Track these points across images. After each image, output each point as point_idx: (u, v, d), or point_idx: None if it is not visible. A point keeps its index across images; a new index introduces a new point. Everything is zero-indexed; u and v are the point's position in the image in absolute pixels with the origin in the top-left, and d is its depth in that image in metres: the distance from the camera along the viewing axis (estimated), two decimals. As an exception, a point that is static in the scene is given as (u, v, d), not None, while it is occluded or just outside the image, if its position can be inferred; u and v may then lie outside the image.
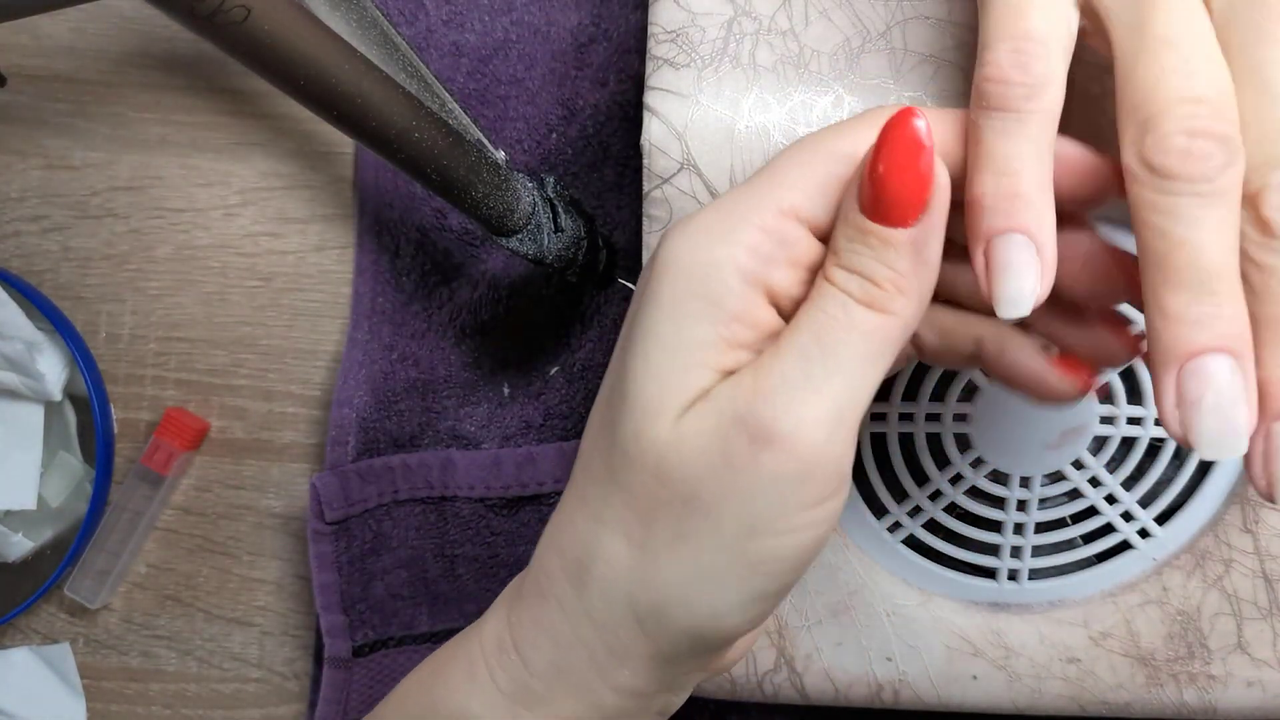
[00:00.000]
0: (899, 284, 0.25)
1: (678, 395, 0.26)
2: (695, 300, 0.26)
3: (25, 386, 0.50)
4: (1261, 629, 0.37)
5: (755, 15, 0.34)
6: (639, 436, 0.26)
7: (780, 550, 0.26)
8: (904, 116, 0.24)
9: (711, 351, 0.26)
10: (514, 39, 0.49)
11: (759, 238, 0.26)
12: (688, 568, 0.26)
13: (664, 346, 0.26)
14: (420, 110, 0.35)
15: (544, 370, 0.50)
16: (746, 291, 0.26)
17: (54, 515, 0.52)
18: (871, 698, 0.40)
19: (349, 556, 0.49)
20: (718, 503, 0.25)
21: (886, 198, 0.24)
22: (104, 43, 0.51)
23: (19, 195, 0.52)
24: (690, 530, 0.26)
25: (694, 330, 0.26)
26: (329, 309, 0.51)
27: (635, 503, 0.26)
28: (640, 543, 0.26)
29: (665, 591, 0.26)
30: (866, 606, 0.39)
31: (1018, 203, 0.24)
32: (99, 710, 0.52)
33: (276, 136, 0.51)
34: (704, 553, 0.26)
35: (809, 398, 0.25)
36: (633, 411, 0.26)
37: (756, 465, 0.25)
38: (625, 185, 0.49)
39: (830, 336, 0.25)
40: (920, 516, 0.38)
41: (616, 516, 0.27)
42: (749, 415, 0.25)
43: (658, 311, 0.26)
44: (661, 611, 0.27)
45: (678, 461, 0.26)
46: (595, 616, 0.27)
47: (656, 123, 0.34)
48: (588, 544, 0.27)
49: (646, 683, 0.28)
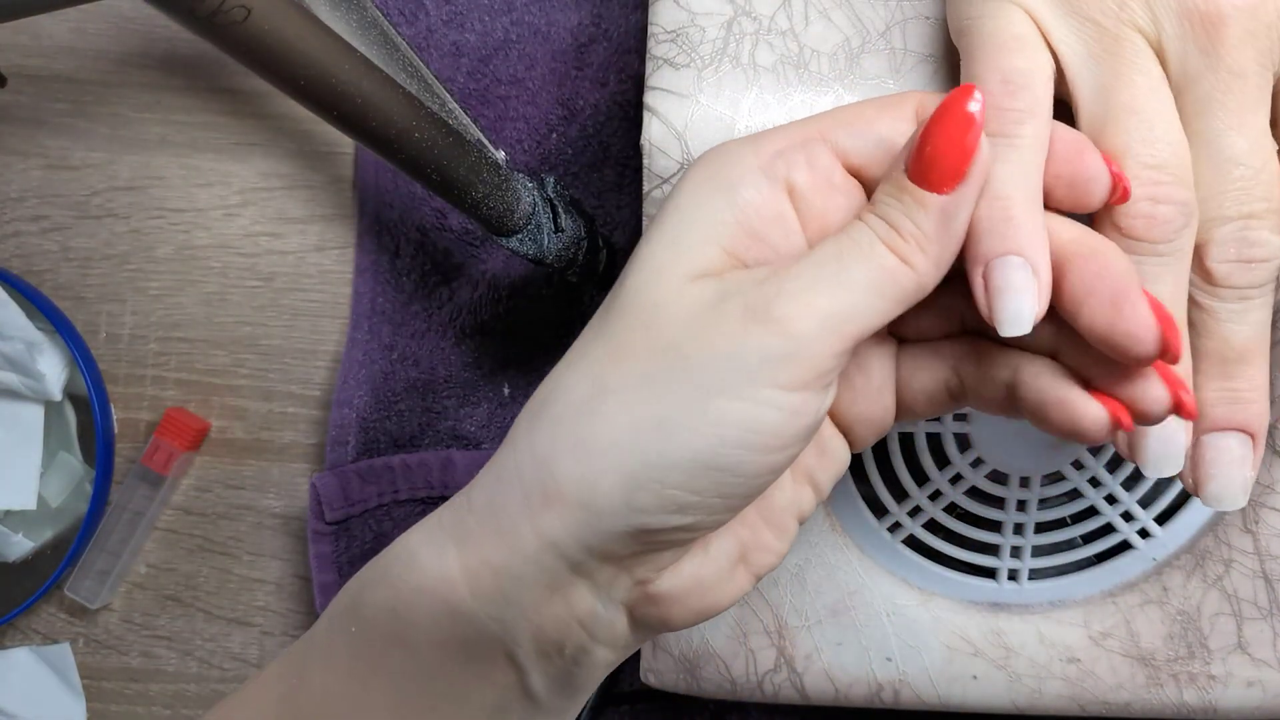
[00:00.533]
0: (921, 242, 0.26)
1: (686, 263, 0.27)
2: (714, 181, 0.27)
3: (25, 386, 0.50)
4: (1261, 629, 0.37)
5: (755, 15, 0.34)
6: (638, 291, 0.27)
7: (741, 417, 0.25)
8: (964, 91, 0.26)
9: (725, 230, 0.27)
10: (514, 39, 0.49)
11: (784, 144, 0.28)
12: (644, 409, 0.26)
13: (680, 215, 0.27)
14: (420, 110, 0.35)
15: (544, 370, 0.50)
16: (763, 182, 0.27)
17: (54, 515, 0.52)
18: (871, 698, 0.40)
19: (349, 557, 0.49)
20: (695, 354, 0.26)
21: (928, 162, 0.26)
22: (104, 43, 0.51)
23: (19, 195, 0.52)
24: (658, 373, 0.26)
25: (709, 207, 0.27)
26: (329, 309, 0.51)
27: (613, 348, 0.27)
28: (605, 383, 0.26)
29: (613, 432, 0.26)
30: (866, 606, 0.39)
31: (1011, 226, 0.26)
32: (99, 710, 0.52)
33: (276, 136, 0.51)
34: (666, 396, 0.26)
35: (811, 297, 0.26)
36: (640, 271, 0.27)
37: (744, 333, 0.26)
38: (625, 185, 0.49)
39: (847, 256, 0.26)
40: (920, 516, 0.38)
41: (590, 360, 0.27)
42: (752, 295, 0.26)
43: (680, 194, 0.28)
44: (606, 454, 0.26)
45: (669, 315, 0.26)
46: (537, 451, 0.27)
47: (656, 123, 0.34)
48: (556, 382, 0.28)
49: (570, 540, 0.26)
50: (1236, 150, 0.27)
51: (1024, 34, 0.28)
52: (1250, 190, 0.27)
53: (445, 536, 0.28)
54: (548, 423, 0.27)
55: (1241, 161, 0.27)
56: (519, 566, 0.27)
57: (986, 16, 0.29)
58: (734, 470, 0.26)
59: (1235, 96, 0.27)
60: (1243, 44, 0.27)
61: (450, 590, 0.27)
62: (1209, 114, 0.27)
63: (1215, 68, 0.27)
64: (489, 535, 0.27)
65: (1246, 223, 0.27)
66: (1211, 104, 0.27)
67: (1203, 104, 0.27)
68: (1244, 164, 0.27)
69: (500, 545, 0.27)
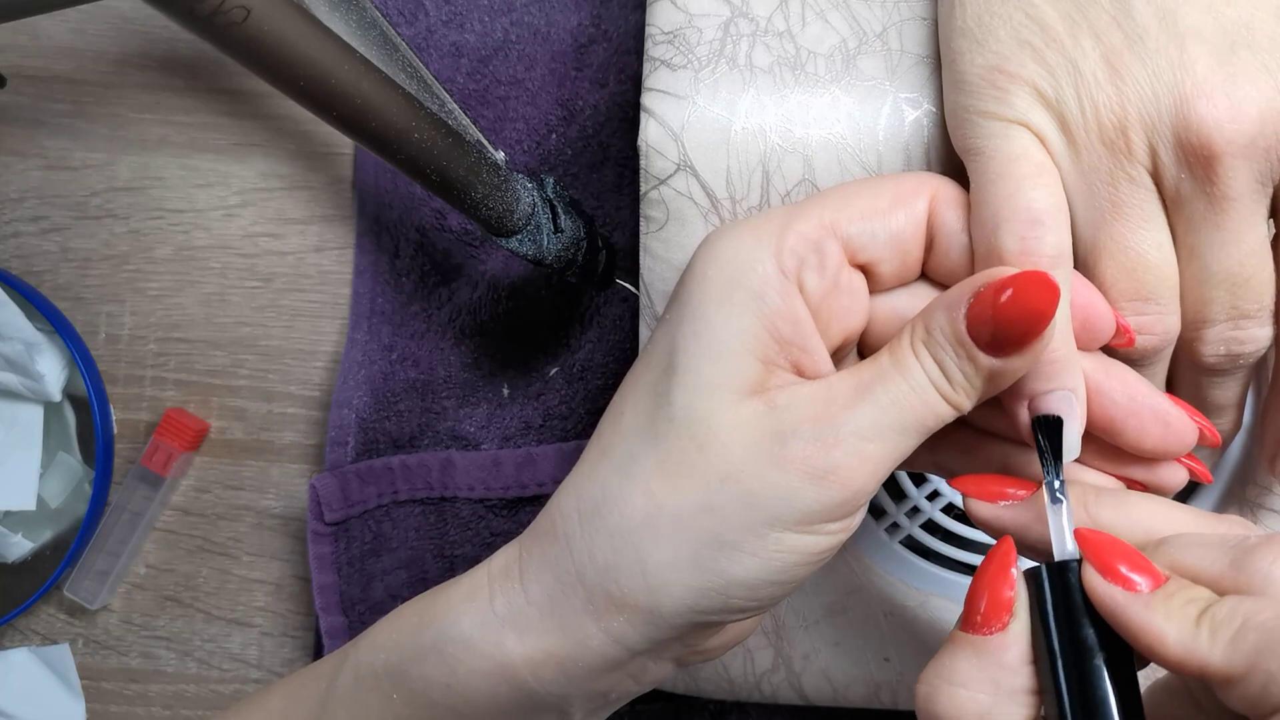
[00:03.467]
0: (969, 391, 0.27)
1: (733, 380, 0.28)
2: (740, 290, 0.28)
3: (25, 387, 0.50)
4: (1259, 630, 0.37)
5: (752, 17, 0.34)
6: (693, 407, 0.28)
7: (800, 544, 0.28)
8: (1040, 281, 0.26)
9: (756, 341, 0.28)
10: (514, 39, 0.49)
11: (797, 241, 0.28)
12: (708, 536, 0.27)
13: (713, 329, 0.28)
14: (420, 110, 0.35)
15: (544, 371, 0.50)
16: (786, 288, 0.28)
17: (53, 516, 0.52)
18: (870, 698, 0.40)
19: (348, 557, 0.49)
20: (758, 490, 0.27)
21: (993, 334, 0.26)
22: (104, 43, 0.52)
23: (18, 196, 0.52)
24: (720, 504, 0.27)
25: (740, 319, 0.28)
26: (329, 309, 0.51)
27: (667, 465, 0.28)
28: (661, 502, 0.28)
29: (679, 551, 0.28)
30: (865, 607, 0.39)
31: (1056, 367, 0.28)
32: (99, 711, 0.53)
33: (276, 137, 0.51)
34: (727, 523, 0.27)
35: (865, 447, 0.27)
36: (686, 385, 0.28)
37: (804, 482, 0.27)
38: (625, 186, 0.49)
39: (904, 404, 0.27)
40: (918, 517, 0.38)
41: (643, 472, 0.28)
42: (814, 441, 0.27)
43: (705, 296, 0.28)
44: (672, 571, 0.28)
45: (728, 441, 0.27)
46: (599, 560, 0.28)
47: (653, 124, 0.34)
48: (608, 491, 0.29)
49: (636, 637, 0.29)
50: (1228, 265, 0.28)
51: (1043, 163, 0.28)
52: (1241, 298, 0.28)
53: (501, 624, 0.29)
54: (605, 534, 0.28)
55: (1233, 274, 0.28)
56: (585, 658, 0.29)
57: (998, 138, 0.29)
58: (791, 582, 0.29)
59: (1229, 218, 0.28)
60: (1237, 172, 0.27)
61: (512, 675, 0.29)
62: (1202, 232, 0.28)
63: (1209, 194, 0.27)
64: (552, 631, 0.29)
65: (1236, 323, 0.29)
66: (1205, 225, 0.28)
67: (1197, 224, 0.28)
68: (1235, 276, 0.28)
69: (565, 640, 0.29)
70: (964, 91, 0.30)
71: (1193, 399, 0.30)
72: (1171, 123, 0.27)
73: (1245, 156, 0.27)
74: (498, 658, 0.29)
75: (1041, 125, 0.28)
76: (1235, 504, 0.37)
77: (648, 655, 0.30)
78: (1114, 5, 0.28)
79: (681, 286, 0.29)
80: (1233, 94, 0.27)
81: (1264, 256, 0.28)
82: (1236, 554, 0.25)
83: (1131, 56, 0.27)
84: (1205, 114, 0.27)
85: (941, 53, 0.32)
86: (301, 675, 0.34)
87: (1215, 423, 0.31)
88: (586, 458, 0.30)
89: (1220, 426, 0.31)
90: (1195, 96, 0.27)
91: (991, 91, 0.29)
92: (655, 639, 0.29)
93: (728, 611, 0.29)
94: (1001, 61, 0.29)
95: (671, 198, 0.34)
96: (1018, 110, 0.29)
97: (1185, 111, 0.27)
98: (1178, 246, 0.28)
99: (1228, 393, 0.30)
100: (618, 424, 0.30)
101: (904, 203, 0.29)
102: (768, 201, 0.34)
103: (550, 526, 0.30)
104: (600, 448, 0.30)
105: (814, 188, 0.33)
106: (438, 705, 0.30)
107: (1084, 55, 0.28)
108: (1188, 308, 0.29)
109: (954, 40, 0.30)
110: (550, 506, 0.30)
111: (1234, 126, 0.27)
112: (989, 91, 0.29)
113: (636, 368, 0.30)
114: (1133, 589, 0.25)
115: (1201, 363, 0.29)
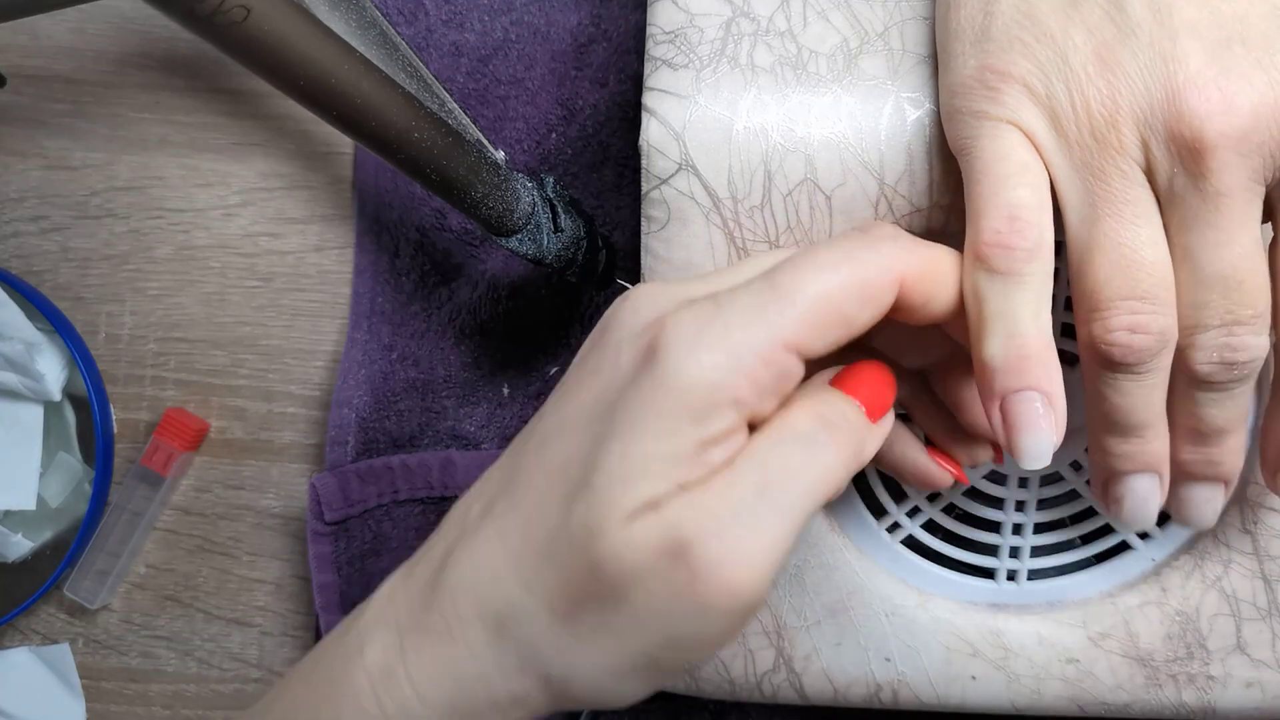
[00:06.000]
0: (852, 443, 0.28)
1: (633, 498, 0.26)
2: (684, 419, 0.26)
3: (25, 386, 0.50)
4: (1260, 629, 0.37)
5: (753, 16, 0.34)
6: (587, 529, 0.27)
7: (692, 661, 0.28)
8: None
9: (682, 466, 0.26)
10: (514, 39, 0.49)
11: (761, 371, 0.27)
12: (605, 658, 0.27)
13: (644, 453, 0.26)
14: (420, 110, 0.35)
15: (544, 370, 0.50)
16: (735, 419, 0.27)
17: (54, 515, 0.52)
18: (870, 698, 0.40)
19: (348, 557, 0.49)
20: (647, 614, 0.26)
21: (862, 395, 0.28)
22: (104, 43, 0.51)
23: (18, 195, 0.52)
24: (615, 628, 0.27)
25: (675, 443, 0.26)
26: (329, 309, 0.51)
27: (567, 587, 0.27)
28: (564, 619, 0.27)
29: (579, 671, 0.28)
30: (865, 607, 0.39)
31: (1029, 363, 0.27)
32: (99, 710, 0.52)
33: (276, 136, 0.51)
34: (623, 650, 0.27)
35: (753, 543, 0.26)
36: (590, 504, 0.27)
37: (694, 596, 0.26)
38: (625, 185, 0.49)
39: (781, 477, 0.26)
40: (919, 517, 0.38)
41: (545, 589, 0.27)
42: (697, 547, 0.26)
43: (646, 418, 0.27)
44: (570, 683, 0.28)
45: (618, 566, 0.26)
46: (506, 669, 0.28)
47: (655, 123, 0.34)
48: (513, 605, 0.28)
49: (546, 714, 0.29)
50: (1221, 266, 0.27)
51: (1026, 161, 0.28)
52: (1235, 302, 0.28)
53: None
54: (515, 649, 0.28)
55: (1227, 276, 0.27)
56: None
57: (985, 137, 0.29)
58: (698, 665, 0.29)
59: (1223, 215, 0.27)
60: (1230, 167, 0.27)
61: None
62: (1195, 231, 0.27)
63: (1202, 189, 0.27)
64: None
65: (1230, 329, 0.28)
66: (1198, 223, 0.27)
67: (1190, 222, 0.27)
68: (1229, 278, 0.28)
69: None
70: (958, 93, 0.30)
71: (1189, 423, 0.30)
72: (1164, 116, 0.27)
73: (1238, 150, 0.27)
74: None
75: (1031, 122, 0.28)
76: (1235, 504, 0.37)
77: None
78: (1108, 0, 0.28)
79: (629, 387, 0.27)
80: (1225, 87, 0.26)
81: (1259, 261, 0.28)
82: None
83: (1124, 50, 0.27)
84: (1197, 106, 0.26)
85: (938, 56, 0.32)
86: None
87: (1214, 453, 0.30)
88: (486, 546, 0.29)
89: (1219, 458, 0.30)
90: (1187, 89, 0.27)
91: (983, 91, 0.29)
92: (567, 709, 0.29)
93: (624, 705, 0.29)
94: (993, 60, 0.29)
95: (673, 197, 0.34)
96: (1008, 109, 0.28)
97: (1177, 104, 0.27)
98: (1171, 248, 0.28)
99: (1224, 413, 0.30)
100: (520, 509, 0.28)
101: (872, 300, 0.27)
102: (769, 201, 0.34)
103: (446, 629, 0.28)
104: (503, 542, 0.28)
105: (815, 188, 0.33)
106: None
107: (1075, 49, 0.28)
108: (1182, 313, 0.28)
109: (950, 44, 0.30)
110: (443, 598, 0.29)
111: (1226, 119, 0.26)
112: (981, 91, 0.29)
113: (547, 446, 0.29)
114: None
115: (1195, 372, 0.29)
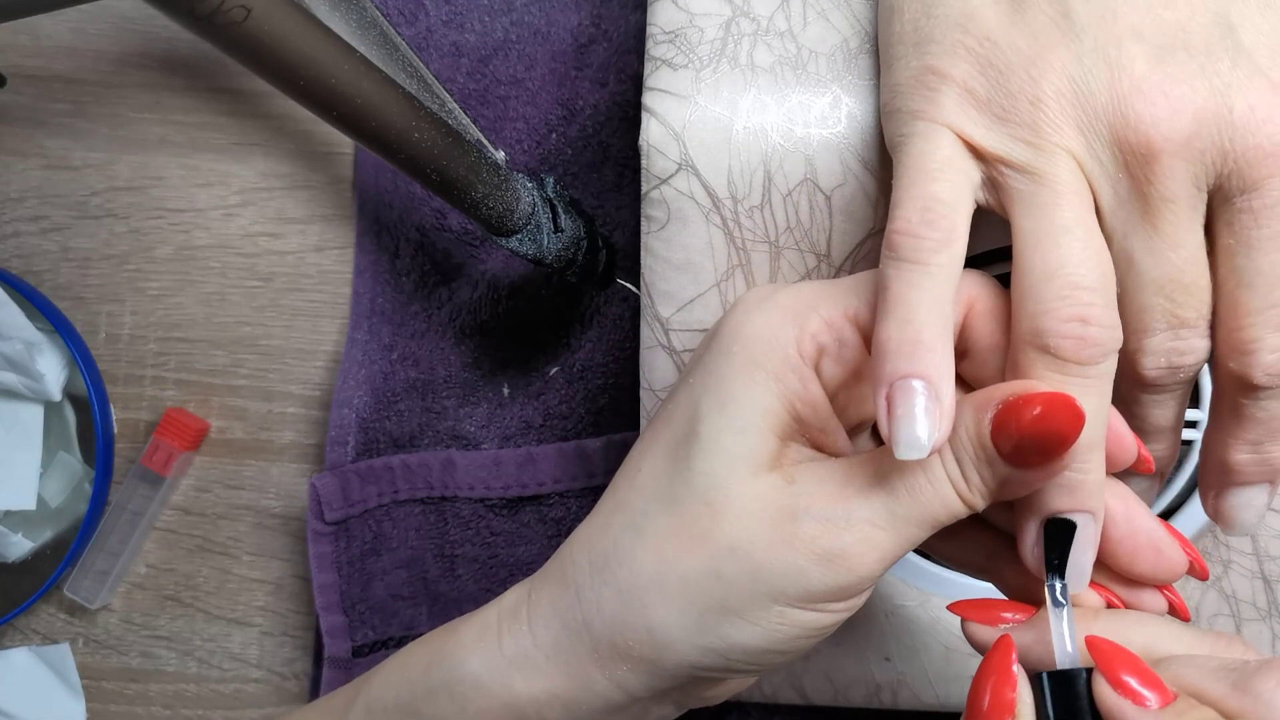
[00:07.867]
0: (984, 493, 0.28)
1: (752, 453, 0.28)
2: (761, 371, 0.29)
3: (25, 386, 0.50)
4: (1260, 630, 0.37)
5: (753, 16, 0.34)
6: (712, 475, 0.29)
7: (804, 619, 0.29)
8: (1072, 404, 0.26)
9: (777, 420, 0.29)
10: (514, 39, 0.49)
11: (822, 328, 0.29)
12: (715, 604, 0.28)
13: (737, 402, 0.29)
14: (420, 110, 0.35)
15: (544, 370, 0.50)
16: (805, 374, 0.29)
17: (54, 515, 0.52)
18: (870, 698, 0.40)
19: (349, 557, 0.49)
20: (767, 565, 0.28)
21: (1015, 445, 0.26)
22: (104, 43, 0.51)
23: (19, 195, 0.52)
24: (728, 573, 0.28)
25: (762, 397, 0.29)
26: (329, 309, 0.51)
27: (680, 528, 0.29)
28: (671, 563, 0.29)
29: (685, 613, 0.29)
30: (865, 607, 0.38)
31: (919, 349, 0.27)
32: (99, 710, 0.53)
33: (276, 136, 0.51)
34: (735, 592, 0.28)
35: (876, 536, 0.28)
36: (708, 454, 0.29)
37: (815, 563, 0.28)
38: (625, 185, 0.49)
39: (920, 496, 0.28)
40: (919, 517, 0.38)
41: (656, 532, 0.29)
42: (826, 522, 0.28)
43: (729, 370, 0.29)
44: (678, 630, 0.29)
45: (742, 513, 0.28)
46: (606, 612, 0.29)
47: (655, 123, 0.34)
48: (619, 546, 0.30)
49: (639, 685, 0.30)
50: (1168, 270, 0.27)
51: (949, 158, 0.28)
52: (1180, 305, 0.28)
53: (509, 666, 0.31)
54: (614, 588, 0.29)
55: (1173, 280, 0.27)
56: (588, 701, 0.30)
57: (916, 136, 0.29)
58: (792, 651, 0.29)
59: (1167, 220, 0.27)
60: (1174, 172, 0.27)
61: (518, 715, 0.31)
62: (1138, 235, 0.27)
63: (1147, 194, 0.27)
64: (557, 674, 0.30)
65: (1177, 333, 0.28)
66: (1143, 227, 0.27)
67: (1134, 226, 0.27)
68: (1175, 281, 0.28)
69: (570, 684, 0.30)
70: (898, 93, 0.30)
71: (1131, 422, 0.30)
72: (1109, 120, 0.27)
73: (1183, 156, 0.27)
74: (505, 698, 0.30)
75: (966, 125, 0.28)
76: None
77: (649, 700, 0.31)
78: (1052, 6, 0.28)
79: (707, 353, 0.30)
80: (1171, 93, 0.26)
81: (1201, 264, 0.28)
82: (1239, 677, 0.25)
83: (1068, 54, 0.27)
84: (1144, 111, 0.26)
85: (880, 59, 0.31)
86: (313, 708, 0.35)
87: (1153, 448, 0.30)
88: (600, 509, 0.31)
89: (1158, 453, 0.31)
90: (1133, 94, 0.27)
91: (923, 91, 0.29)
92: (656, 688, 0.30)
93: (728, 670, 0.30)
94: (935, 61, 0.29)
95: (673, 197, 0.34)
96: (944, 110, 0.28)
97: (1123, 109, 0.27)
98: (1114, 253, 0.28)
99: (1167, 412, 0.30)
100: (634, 480, 0.30)
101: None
102: (769, 201, 0.34)
103: (560, 573, 0.31)
104: (615, 501, 0.31)
105: (815, 188, 0.33)
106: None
107: (1018, 53, 0.28)
108: (1128, 319, 0.28)
109: (893, 46, 0.30)
110: (562, 552, 0.31)
111: (1172, 124, 0.26)
112: (920, 92, 0.29)
113: (656, 426, 0.31)
114: (1142, 704, 0.25)
115: (1143, 377, 0.29)
